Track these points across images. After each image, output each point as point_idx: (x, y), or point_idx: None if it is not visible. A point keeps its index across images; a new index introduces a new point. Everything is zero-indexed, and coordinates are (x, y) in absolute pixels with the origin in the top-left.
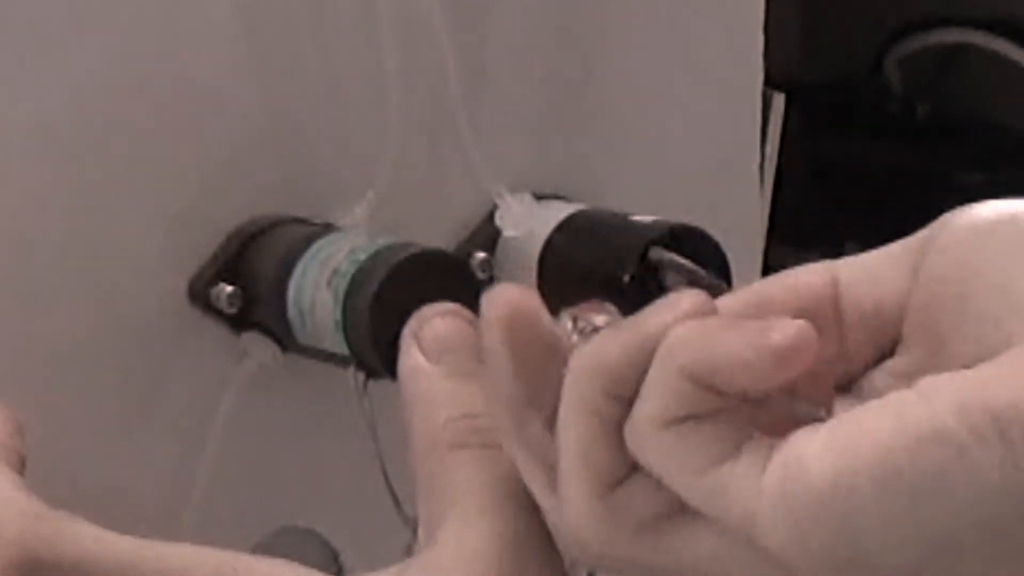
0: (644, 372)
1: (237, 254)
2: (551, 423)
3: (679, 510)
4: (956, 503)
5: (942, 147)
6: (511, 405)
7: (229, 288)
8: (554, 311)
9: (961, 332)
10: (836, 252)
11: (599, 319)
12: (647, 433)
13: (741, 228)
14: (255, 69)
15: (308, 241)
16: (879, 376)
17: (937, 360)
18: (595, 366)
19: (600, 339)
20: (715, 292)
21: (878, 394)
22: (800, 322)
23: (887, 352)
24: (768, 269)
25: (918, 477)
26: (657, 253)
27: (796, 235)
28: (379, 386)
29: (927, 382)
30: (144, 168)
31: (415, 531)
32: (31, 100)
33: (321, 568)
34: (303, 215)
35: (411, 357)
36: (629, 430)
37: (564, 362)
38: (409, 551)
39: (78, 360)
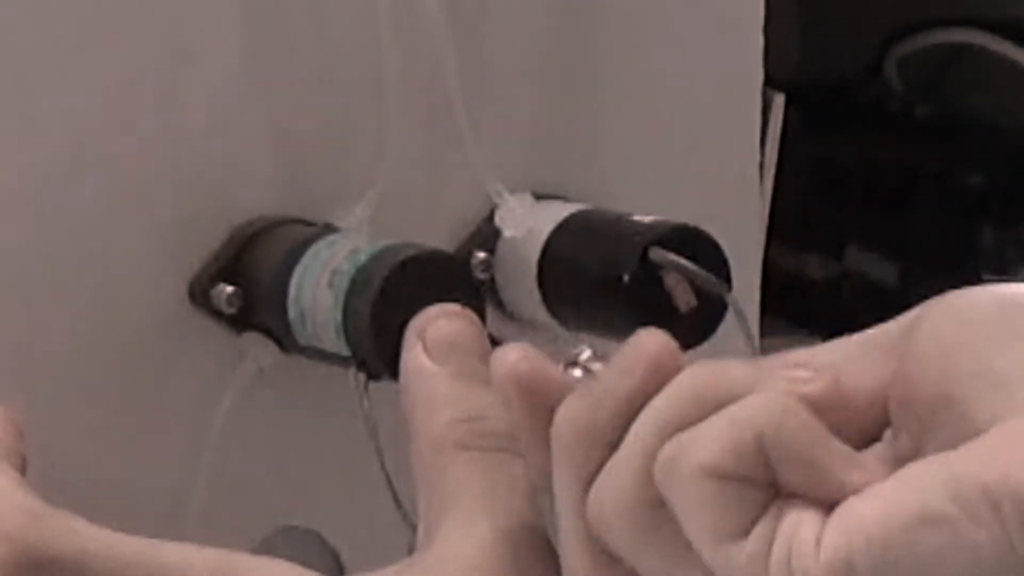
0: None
1: (237, 254)
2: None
3: None
4: None
5: (942, 147)
6: (590, 432)
7: (229, 288)
8: (554, 310)
9: (943, 416)
10: (836, 252)
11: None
12: (690, 475)
13: (741, 228)
14: (255, 69)
15: (308, 242)
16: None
17: (921, 445)
18: (581, 433)
19: (579, 405)
20: (715, 292)
21: None
22: None
23: (874, 437)
24: (768, 269)
25: (913, 561)
26: (657, 253)
27: (796, 235)
28: (379, 387)
29: (913, 466)
30: (144, 168)
31: (416, 530)
32: (33, 99)
33: (321, 568)
34: (303, 215)
35: (415, 357)
36: (667, 461)
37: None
38: (410, 551)
39: (78, 360)
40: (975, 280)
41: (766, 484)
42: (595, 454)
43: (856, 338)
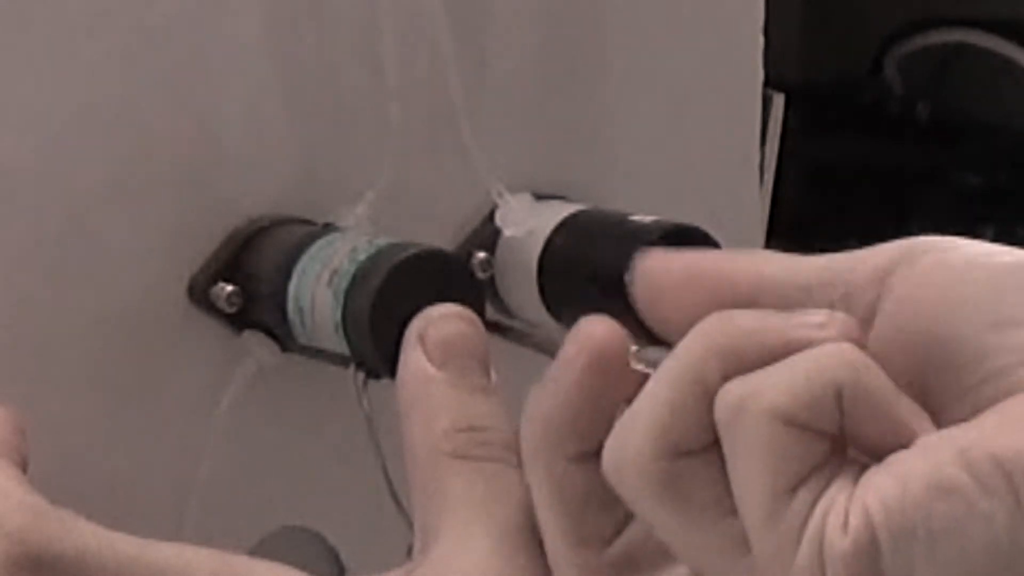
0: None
1: (237, 254)
2: (581, 458)
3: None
4: (970, 554)
5: (942, 147)
6: (551, 424)
7: (229, 287)
8: (554, 310)
9: (937, 397)
10: (836, 252)
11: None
12: (759, 418)
13: (741, 228)
14: (253, 70)
15: (308, 241)
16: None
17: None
18: (723, 346)
19: (736, 318)
20: None
21: None
22: None
23: None
24: None
25: (931, 532)
26: None
27: (796, 235)
28: (379, 386)
29: (926, 439)
30: (144, 167)
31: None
32: (31, 96)
33: (321, 568)
34: (303, 215)
35: (414, 360)
36: (735, 402)
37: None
38: (409, 551)
39: (77, 359)
40: None
41: (828, 440)
42: (562, 447)
43: (815, 262)
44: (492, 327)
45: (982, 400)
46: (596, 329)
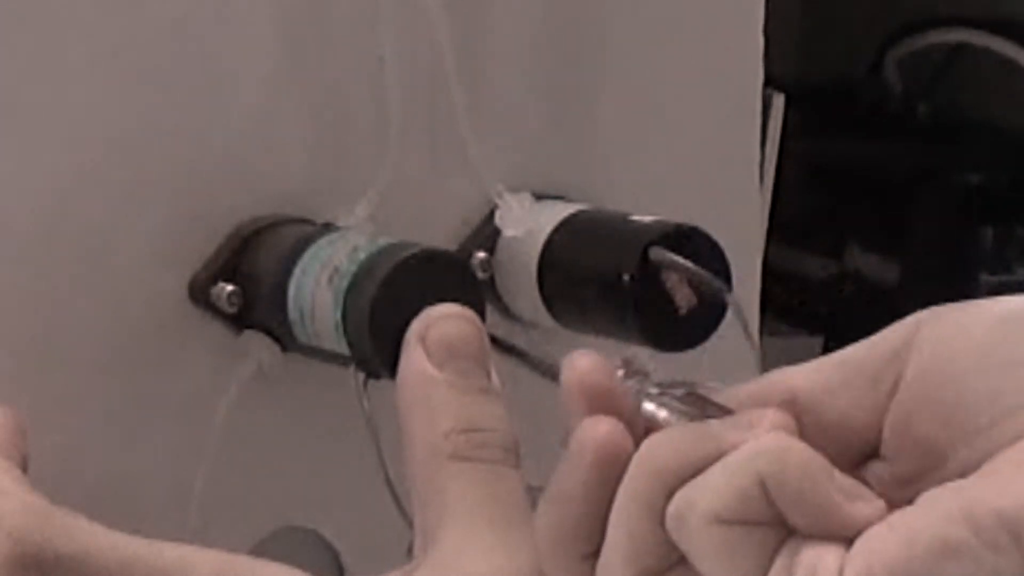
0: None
1: (237, 253)
2: (592, 557)
3: None
4: None
5: (942, 147)
6: (557, 532)
7: (229, 287)
8: (554, 310)
9: (951, 440)
10: (836, 252)
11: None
12: (699, 524)
13: (741, 228)
14: (253, 70)
15: (308, 240)
16: (872, 479)
17: (924, 470)
18: (662, 469)
19: (670, 440)
20: (715, 292)
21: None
22: None
23: (863, 458)
24: (768, 269)
25: None
26: (657, 253)
27: (796, 235)
28: (379, 386)
29: (930, 495)
30: (145, 167)
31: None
32: (33, 96)
33: (321, 568)
34: (303, 215)
35: (415, 360)
36: (676, 514)
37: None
38: (409, 550)
39: (78, 359)
40: (974, 280)
41: (775, 523)
42: (577, 547)
43: (835, 360)
44: (493, 343)
45: (992, 442)
46: (598, 428)
